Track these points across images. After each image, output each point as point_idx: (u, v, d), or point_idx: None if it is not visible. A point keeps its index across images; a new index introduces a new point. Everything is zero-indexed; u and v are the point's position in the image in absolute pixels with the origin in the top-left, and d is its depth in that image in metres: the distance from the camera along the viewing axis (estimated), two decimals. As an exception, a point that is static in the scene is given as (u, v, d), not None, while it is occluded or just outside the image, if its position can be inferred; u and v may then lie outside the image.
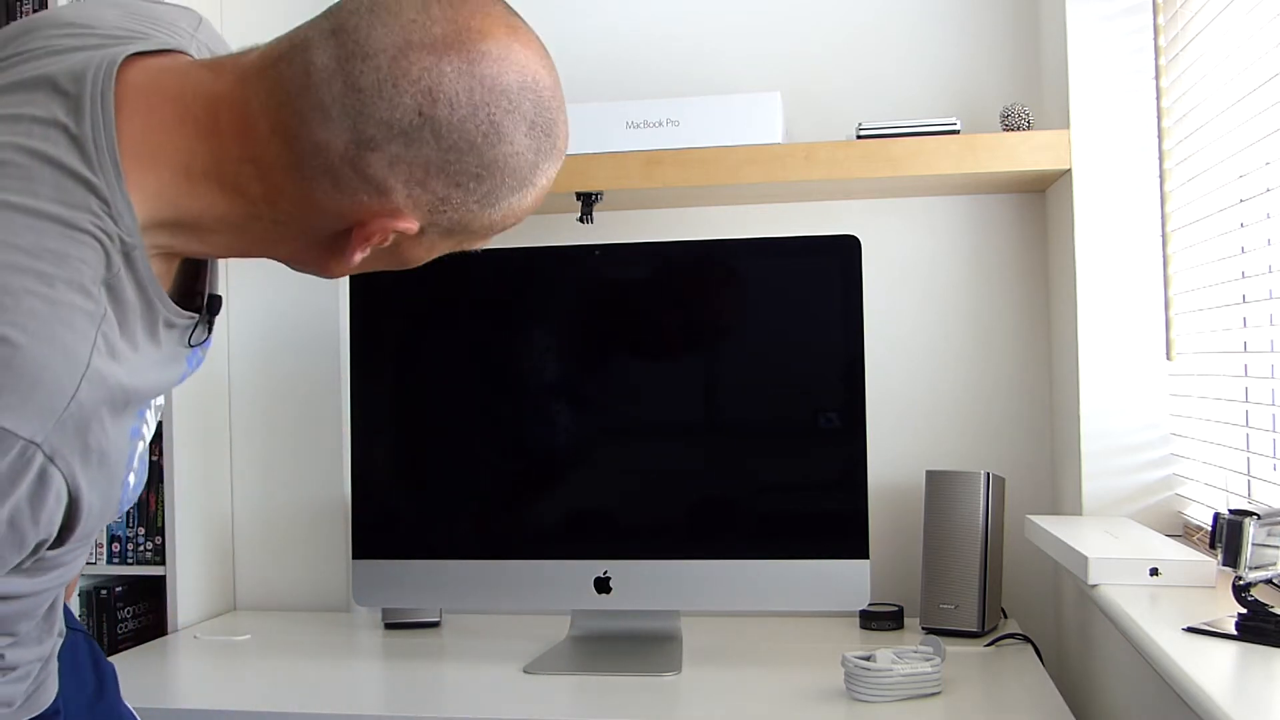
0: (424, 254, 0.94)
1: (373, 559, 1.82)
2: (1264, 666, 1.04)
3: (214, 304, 0.98)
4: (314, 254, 0.90)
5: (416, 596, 1.84)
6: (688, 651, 1.75)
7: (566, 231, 2.09)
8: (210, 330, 0.99)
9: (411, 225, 0.87)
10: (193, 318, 0.93)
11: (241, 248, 0.91)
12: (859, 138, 1.86)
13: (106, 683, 1.25)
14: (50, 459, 0.79)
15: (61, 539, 0.86)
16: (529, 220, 1.86)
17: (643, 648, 1.74)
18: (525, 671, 1.68)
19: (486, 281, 1.84)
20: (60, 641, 1.14)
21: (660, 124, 1.89)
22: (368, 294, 1.86)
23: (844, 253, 1.74)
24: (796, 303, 1.76)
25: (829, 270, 1.75)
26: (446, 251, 0.95)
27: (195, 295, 0.97)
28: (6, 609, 0.95)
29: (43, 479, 0.79)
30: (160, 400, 1.04)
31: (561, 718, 1.49)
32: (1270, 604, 1.13)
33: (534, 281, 1.84)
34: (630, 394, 1.80)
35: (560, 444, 1.82)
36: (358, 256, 0.88)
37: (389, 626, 2.01)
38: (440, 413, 1.84)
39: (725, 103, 1.88)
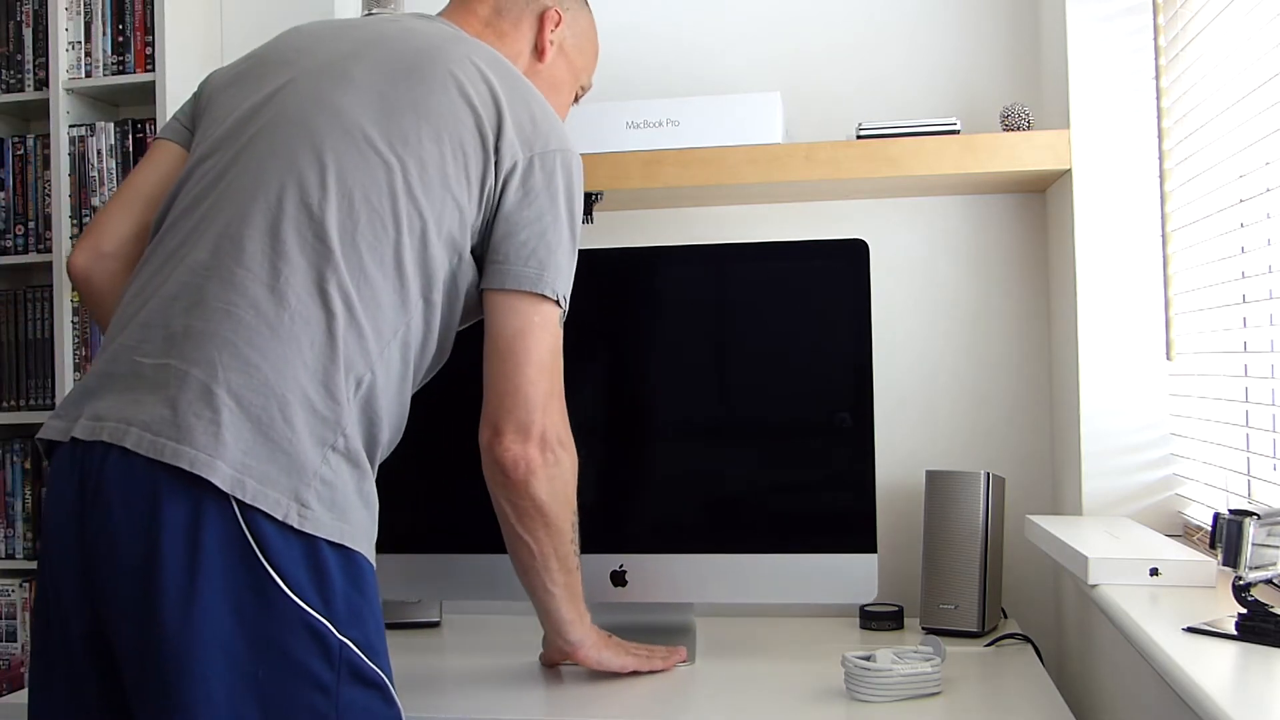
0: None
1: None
2: (1264, 666, 1.04)
3: None
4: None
5: (420, 590, 1.84)
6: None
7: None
8: None
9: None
10: None
11: None
12: (859, 138, 1.86)
13: None
14: None
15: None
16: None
17: (657, 639, 1.75)
18: (541, 662, 1.68)
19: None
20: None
21: (660, 124, 1.89)
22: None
23: (852, 256, 1.75)
24: (805, 306, 1.77)
25: (837, 274, 1.75)
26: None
27: None
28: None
29: None
30: None
31: (572, 708, 1.50)
32: (1270, 604, 1.13)
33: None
34: (645, 395, 1.82)
35: (576, 443, 1.82)
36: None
37: (389, 626, 2.01)
38: (442, 408, 1.83)
39: (725, 103, 1.88)
